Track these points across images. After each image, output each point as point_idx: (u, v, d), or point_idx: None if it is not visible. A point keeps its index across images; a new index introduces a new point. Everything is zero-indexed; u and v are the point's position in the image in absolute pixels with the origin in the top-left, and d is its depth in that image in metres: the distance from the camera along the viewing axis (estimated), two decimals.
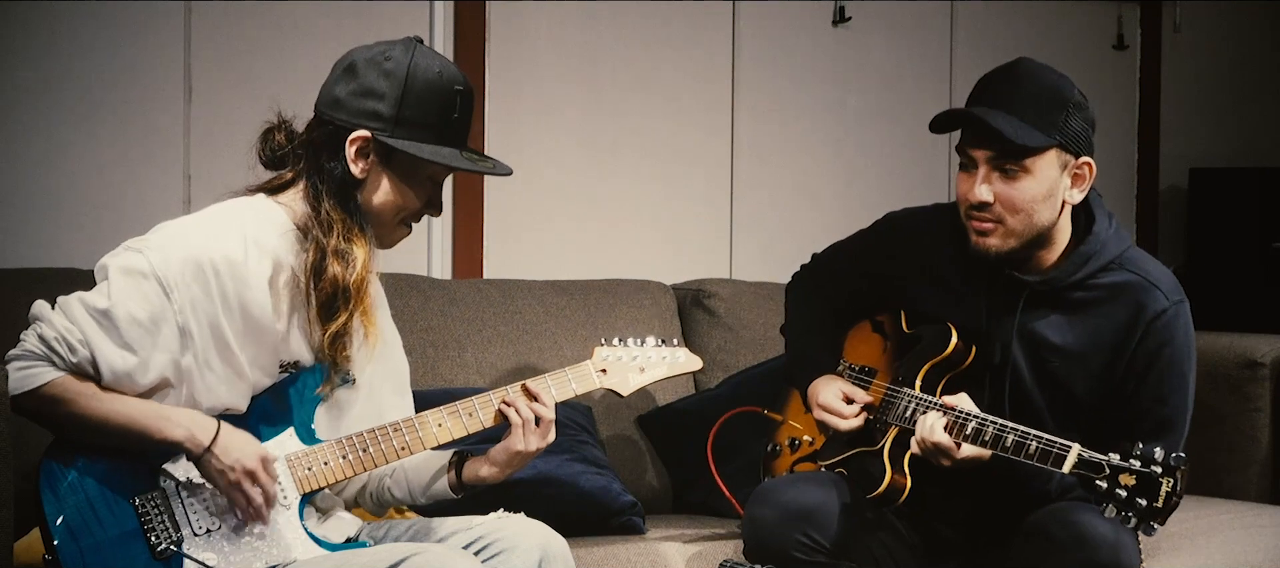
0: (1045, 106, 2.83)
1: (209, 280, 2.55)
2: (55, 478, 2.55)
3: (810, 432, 3.19)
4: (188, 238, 2.57)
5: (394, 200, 2.66)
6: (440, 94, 2.64)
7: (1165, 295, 2.90)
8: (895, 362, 3.07)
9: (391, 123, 2.61)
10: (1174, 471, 2.58)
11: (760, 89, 4.48)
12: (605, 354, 2.90)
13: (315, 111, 2.67)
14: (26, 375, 2.50)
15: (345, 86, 2.64)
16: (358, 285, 2.61)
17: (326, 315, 2.62)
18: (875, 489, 2.94)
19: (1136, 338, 2.88)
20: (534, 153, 4.13)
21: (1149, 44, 5.26)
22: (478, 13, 4.01)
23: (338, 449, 2.69)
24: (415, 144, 2.62)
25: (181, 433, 2.55)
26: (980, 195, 2.85)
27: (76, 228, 3.53)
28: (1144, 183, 5.28)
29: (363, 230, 2.63)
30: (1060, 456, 2.68)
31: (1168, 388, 2.89)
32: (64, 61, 3.52)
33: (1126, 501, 2.60)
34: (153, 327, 2.52)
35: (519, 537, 2.65)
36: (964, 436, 2.80)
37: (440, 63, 2.66)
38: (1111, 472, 2.62)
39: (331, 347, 2.63)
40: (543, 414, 2.75)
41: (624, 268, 4.17)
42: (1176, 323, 2.90)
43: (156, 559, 2.56)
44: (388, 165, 2.64)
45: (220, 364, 2.58)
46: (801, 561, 2.90)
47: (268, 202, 2.66)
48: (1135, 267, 2.93)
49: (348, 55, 2.68)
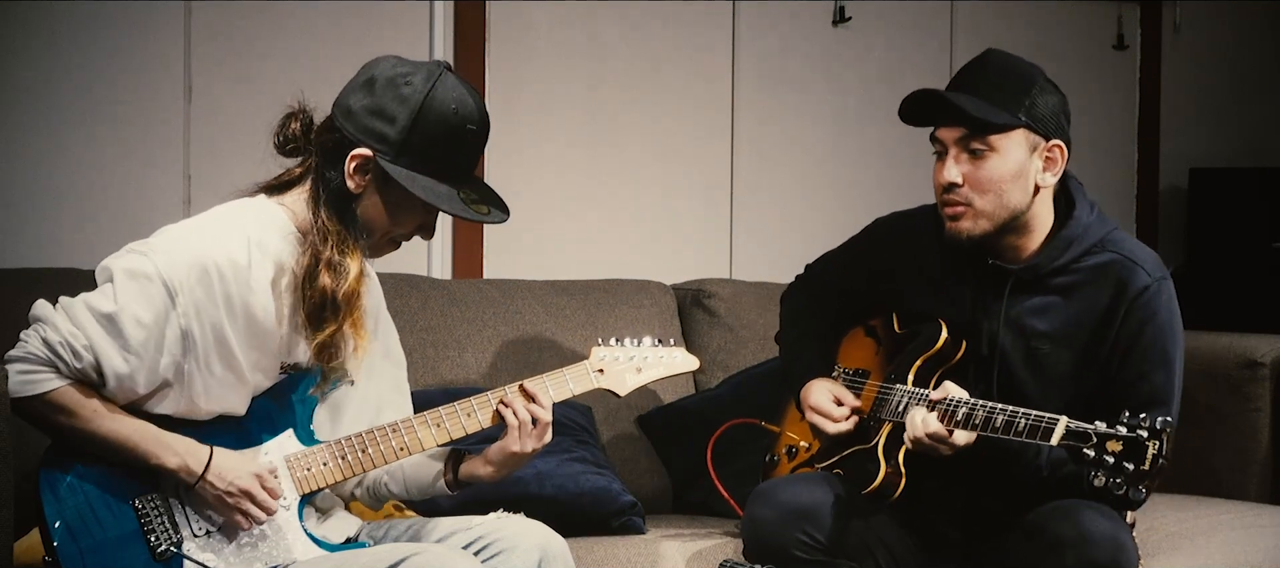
0: (1010, 88, 2.88)
1: (213, 284, 2.54)
2: (55, 479, 2.55)
3: (806, 438, 3.20)
4: (192, 241, 2.56)
5: (384, 221, 2.65)
6: (451, 131, 2.61)
7: (1147, 273, 2.92)
8: (888, 362, 3.08)
9: (396, 148, 2.60)
10: (1160, 434, 2.60)
11: (760, 89, 4.48)
12: (602, 354, 2.90)
13: (331, 112, 2.67)
14: (29, 380, 2.50)
15: (361, 99, 2.62)
16: (348, 297, 2.61)
17: (315, 324, 2.62)
18: (870, 485, 2.95)
19: (1120, 316, 2.90)
20: (534, 153, 4.13)
21: (1149, 44, 5.26)
22: (478, 13, 4.01)
23: (336, 450, 2.69)
24: (411, 175, 2.60)
25: (176, 462, 2.56)
26: (948, 176, 2.90)
27: (76, 228, 3.53)
28: (1144, 183, 5.28)
29: (357, 243, 2.63)
30: (1048, 428, 2.71)
31: (1151, 364, 2.90)
32: (64, 61, 3.52)
33: (1114, 466, 2.62)
34: (156, 330, 2.52)
35: (518, 537, 2.65)
36: (955, 422, 2.83)
37: (458, 98, 2.62)
38: (1098, 440, 2.64)
39: (319, 355, 2.63)
40: (540, 416, 2.75)
41: (624, 268, 4.17)
42: (1159, 299, 2.91)
43: (156, 560, 2.56)
44: (383, 188, 2.63)
45: (221, 368, 2.58)
46: (802, 559, 2.91)
47: (269, 203, 2.66)
48: (1117, 247, 2.95)
49: (374, 64, 2.65)
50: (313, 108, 2.69)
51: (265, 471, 2.60)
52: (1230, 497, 3.79)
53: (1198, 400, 3.83)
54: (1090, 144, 4.94)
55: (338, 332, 2.62)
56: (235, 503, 2.58)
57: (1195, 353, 3.02)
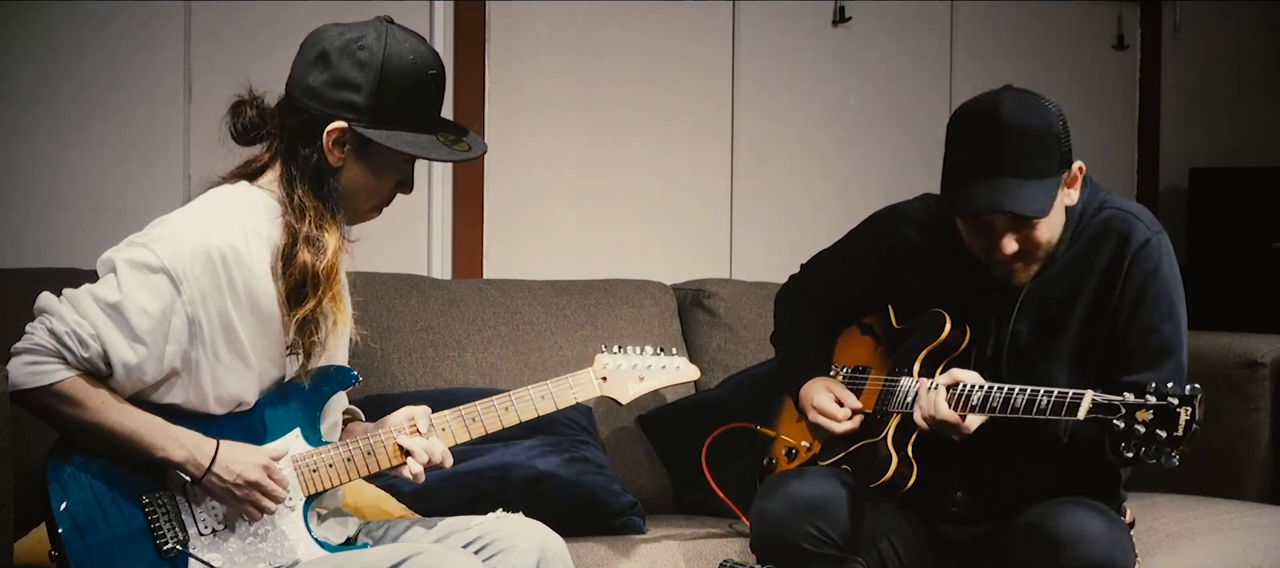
0: (1044, 154, 2.86)
1: (217, 270, 2.55)
2: (62, 475, 2.55)
3: (806, 438, 3.19)
4: (193, 229, 2.57)
5: (369, 187, 2.66)
6: (416, 81, 2.63)
7: (1146, 226, 2.96)
8: (889, 357, 3.08)
9: (368, 114, 2.61)
10: (1191, 400, 2.63)
11: (760, 89, 4.48)
12: (606, 361, 2.92)
13: (287, 94, 2.67)
14: (36, 371, 2.50)
15: (319, 75, 2.63)
16: (327, 272, 2.61)
17: (295, 301, 2.62)
18: (880, 478, 2.96)
19: (1125, 268, 2.93)
20: (534, 152, 4.14)
21: (1149, 44, 5.26)
22: (478, 13, 4.01)
23: (343, 451, 2.69)
24: (392, 134, 2.62)
25: (183, 454, 2.56)
26: (1009, 249, 2.89)
27: (77, 228, 3.53)
28: (1144, 183, 5.28)
29: (335, 216, 2.64)
30: (1074, 403, 2.72)
31: (1159, 316, 2.92)
32: (64, 61, 3.52)
33: (1145, 436, 2.64)
34: (163, 320, 2.52)
35: (517, 537, 2.66)
36: (970, 407, 2.83)
37: (412, 47, 2.64)
38: (1127, 410, 2.66)
39: (300, 332, 2.63)
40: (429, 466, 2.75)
41: (624, 268, 4.17)
42: (1161, 251, 2.95)
43: (162, 559, 2.56)
44: (363, 154, 2.64)
45: (228, 354, 2.59)
46: (811, 552, 2.91)
47: (252, 188, 2.66)
48: (1113, 204, 2.99)
49: (317, 38, 2.66)
50: (262, 93, 2.69)
51: (271, 459, 2.60)
52: (1230, 497, 3.79)
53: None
54: (1090, 144, 4.92)
55: (318, 307, 2.62)
56: (243, 495, 2.58)
57: (1195, 353, 3.02)
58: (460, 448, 2.82)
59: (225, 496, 2.58)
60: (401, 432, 2.72)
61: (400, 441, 2.71)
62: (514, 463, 3.35)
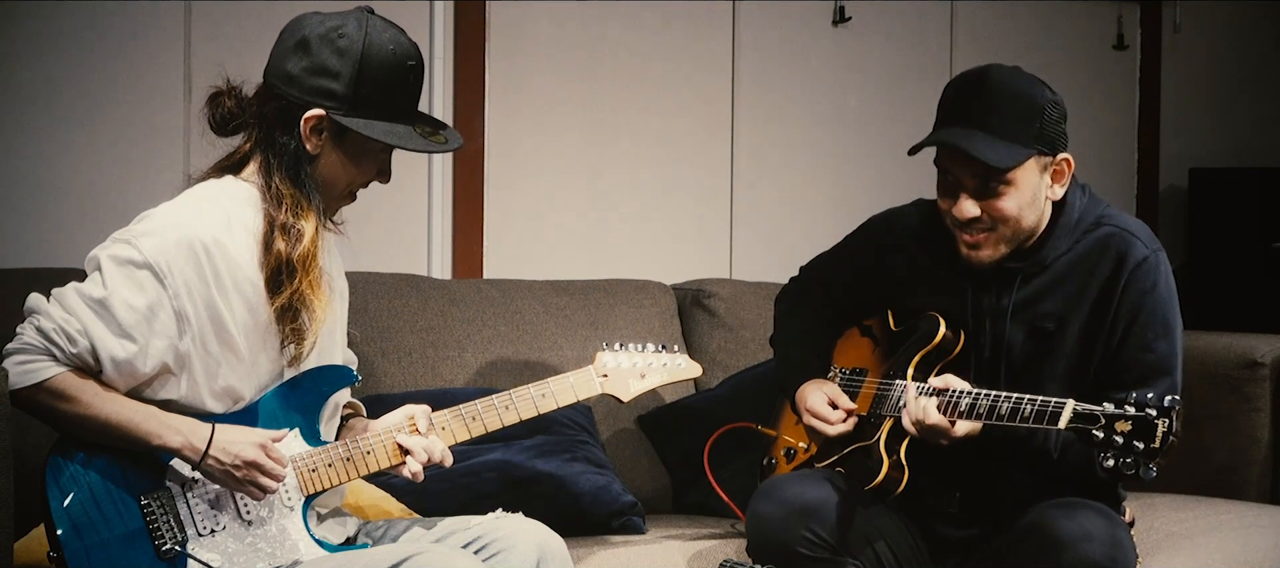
0: (1020, 117, 2.88)
1: (201, 262, 2.56)
2: (61, 475, 2.55)
3: (804, 440, 3.20)
4: (177, 222, 2.58)
5: (346, 175, 2.68)
6: (395, 72, 2.64)
7: (1144, 244, 2.96)
8: (886, 360, 3.08)
9: (347, 102, 2.62)
10: (1168, 411, 2.62)
11: (760, 89, 4.48)
12: (607, 360, 2.92)
13: (265, 81, 2.67)
14: (27, 369, 2.51)
15: (298, 62, 2.63)
16: (303, 259, 2.62)
17: (272, 288, 2.62)
18: (872, 480, 2.96)
19: (1120, 286, 2.93)
20: (534, 153, 4.13)
21: (1149, 44, 5.26)
22: (478, 13, 4.01)
23: (342, 451, 2.69)
24: (369, 123, 2.63)
25: (179, 440, 2.56)
26: (968, 212, 2.91)
27: (77, 228, 3.53)
28: (1144, 183, 5.28)
29: (312, 203, 2.64)
30: (1055, 413, 2.72)
31: (1154, 334, 2.92)
32: (64, 61, 3.52)
33: (1124, 446, 2.63)
34: (149, 314, 2.53)
35: (516, 537, 2.66)
36: (958, 413, 2.84)
37: (392, 36, 2.66)
38: (1107, 421, 2.66)
39: (279, 319, 2.63)
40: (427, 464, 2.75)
41: (624, 268, 4.17)
42: (1158, 270, 2.95)
43: (161, 559, 2.56)
44: (341, 143, 2.65)
45: (218, 346, 2.59)
46: (806, 556, 2.92)
47: (235, 181, 2.67)
48: (1112, 221, 2.99)
49: (297, 25, 2.67)
50: (240, 83, 2.69)
51: (268, 438, 2.61)
52: (1230, 497, 3.79)
53: (1198, 400, 3.83)
54: (1090, 144, 4.94)
55: (295, 294, 2.62)
56: (243, 476, 2.58)
57: (1195, 353, 3.03)
58: (460, 448, 2.82)
59: (225, 478, 2.58)
60: (401, 431, 2.72)
61: (399, 439, 2.71)
62: (514, 463, 3.35)
